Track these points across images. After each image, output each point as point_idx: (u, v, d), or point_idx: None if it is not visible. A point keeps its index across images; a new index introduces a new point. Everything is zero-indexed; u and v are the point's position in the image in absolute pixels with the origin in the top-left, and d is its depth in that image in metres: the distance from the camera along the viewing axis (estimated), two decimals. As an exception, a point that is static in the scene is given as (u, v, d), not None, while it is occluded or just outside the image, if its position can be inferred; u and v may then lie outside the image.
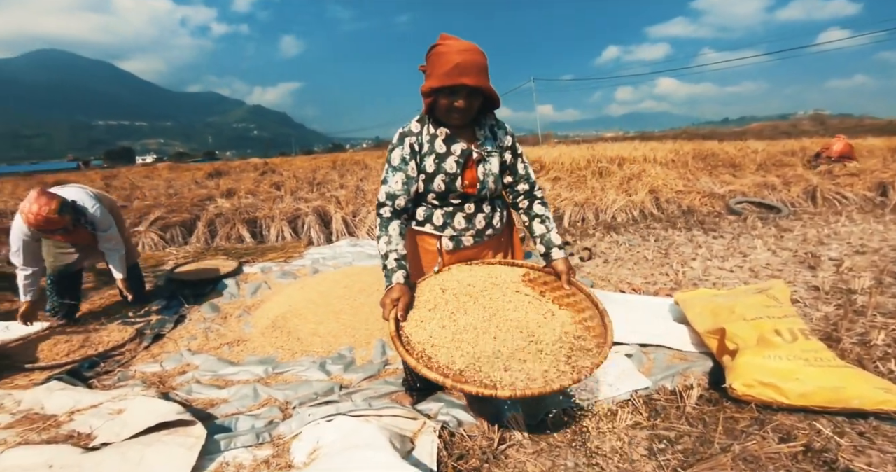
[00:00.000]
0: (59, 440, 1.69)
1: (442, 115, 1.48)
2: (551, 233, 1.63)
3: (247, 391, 2.02)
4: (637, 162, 8.42)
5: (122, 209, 6.61)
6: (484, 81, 1.42)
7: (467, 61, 1.37)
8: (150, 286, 3.82)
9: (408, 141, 1.53)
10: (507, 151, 1.62)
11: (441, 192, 1.53)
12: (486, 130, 1.59)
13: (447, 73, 1.37)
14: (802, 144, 12.24)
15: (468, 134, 1.57)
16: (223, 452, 1.55)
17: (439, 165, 1.51)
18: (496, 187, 1.60)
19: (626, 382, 1.89)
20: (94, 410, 1.89)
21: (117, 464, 1.44)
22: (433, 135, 1.53)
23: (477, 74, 1.40)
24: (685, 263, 4.07)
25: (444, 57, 1.38)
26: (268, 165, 13.40)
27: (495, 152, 1.58)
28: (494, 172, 1.57)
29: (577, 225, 5.87)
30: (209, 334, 2.79)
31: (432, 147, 1.52)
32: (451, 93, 1.41)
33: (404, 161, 1.52)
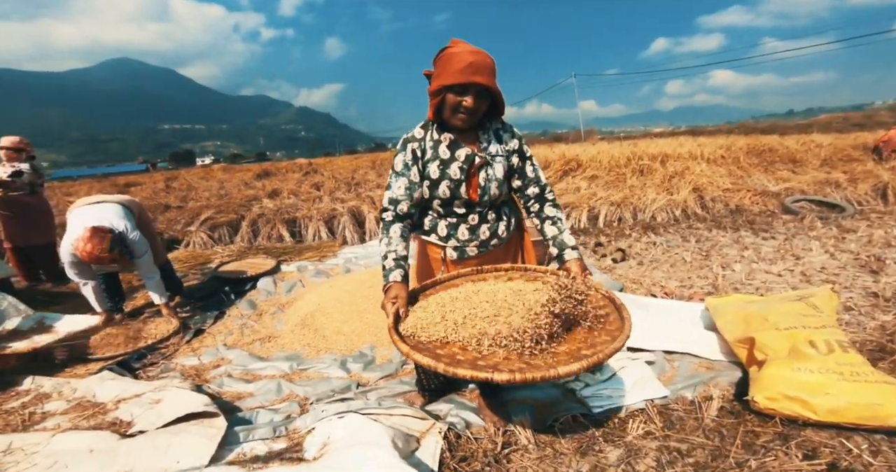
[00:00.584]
0: (104, 427, 1.86)
1: (448, 115, 1.49)
2: (563, 234, 1.60)
3: (271, 386, 2.14)
4: (681, 159, 8.04)
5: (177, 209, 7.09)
6: (494, 82, 1.44)
7: (480, 61, 1.39)
8: (196, 283, 4.09)
9: (410, 147, 1.56)
10: (515, 155, 1.60)
11: (446, 198, 1.55)
12: (490, 134, 1.59)
13: (461, 70, 1.39)
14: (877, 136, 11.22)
15: (472, 139, 1.57)
16: (241, 443, 1.65)
17: (443, 171, 1.53)
18: (500, 193, 1.59)
19: (642, 390, 1.84)
20: (137, 399, 2.06)
21: (147, 451, 1.57)
22: (437, 140, 1.55)
23: (489, 75, 1.41)
24: (727, 265, 3.87)
25: (456, 56, 1.40)
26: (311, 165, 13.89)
27: (500, 156, 1.57)
28: (498, 176, 1.56)
29: (613, 225, 5.70)
30: (244, 330, 2.96)
31: (436, 153, 1.54)
32: (461, 91, 1.43)
33: (406, 167, 1.55)
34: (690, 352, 2.17)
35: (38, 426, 1.94)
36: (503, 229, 1.65)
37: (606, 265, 4.08)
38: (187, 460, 1.52)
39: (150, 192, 10.05)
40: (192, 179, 12.11)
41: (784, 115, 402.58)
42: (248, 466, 1.52)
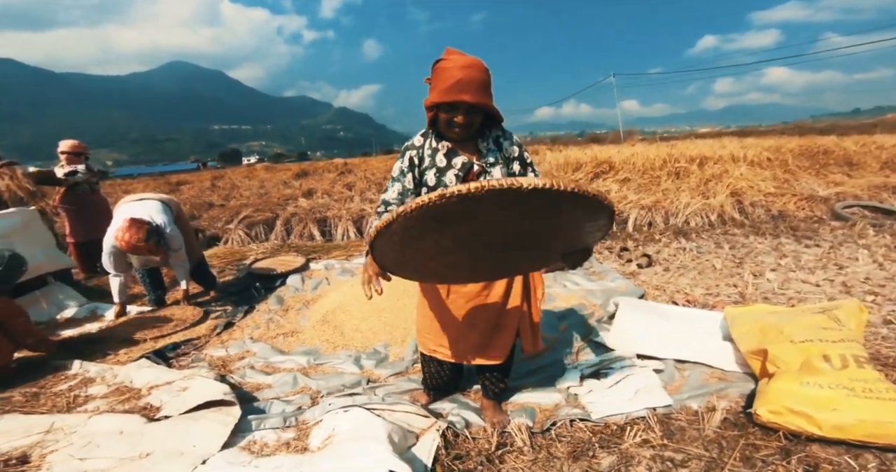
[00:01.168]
0: (135, 411, 2.03)
1: (443, 129, 1.55)
2: None
3: (288, 379, 2.26)
4: (721, 161, 7.73)
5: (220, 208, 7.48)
6: (483, 98, 1.46)
7: (468, 78, 1.42)
8: (231, 278, 4.33)
9: (408, 154, 1.62)
10: (515, 162, 1.63)
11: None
12: (489, 142, 1.62)
13: (448, 89, 1.42)
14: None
15: (471, 147, 1.61)
16: (253, 431, 1.77)
17: (439, 179, 1.58)
18: None
19: (645, 398, 1.83)
20: (168, 386, 2.24)
21: (169, 434, 1.72)
22: (435, 149, 1.60)
23: (476, 91, 1.44)
24: (760, 274, 3.72)
25: (446, 72, 1.44)
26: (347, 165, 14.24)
27: (499, 164, 1.60)
28: None
29: (643, 230, 5.57)
30: (270, 325, 3.12)
31: (433, 161, 1.59)
32: (451, 108, 1.47)
33: (402, 173, 1.62)
34: (703, 362, 2.13)
35: (80, 408, 2.14)
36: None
37: (630, 271, 4.00)
38: (203, 444, 1.65)
39: (197, 190, 10.62)
40: (235, 179, 12.70)
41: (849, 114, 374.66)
42: (257, 453, 1.64)
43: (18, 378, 2.54)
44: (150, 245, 3.08)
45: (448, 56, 1.49)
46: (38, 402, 2.25)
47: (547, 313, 2.94)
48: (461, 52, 1.50)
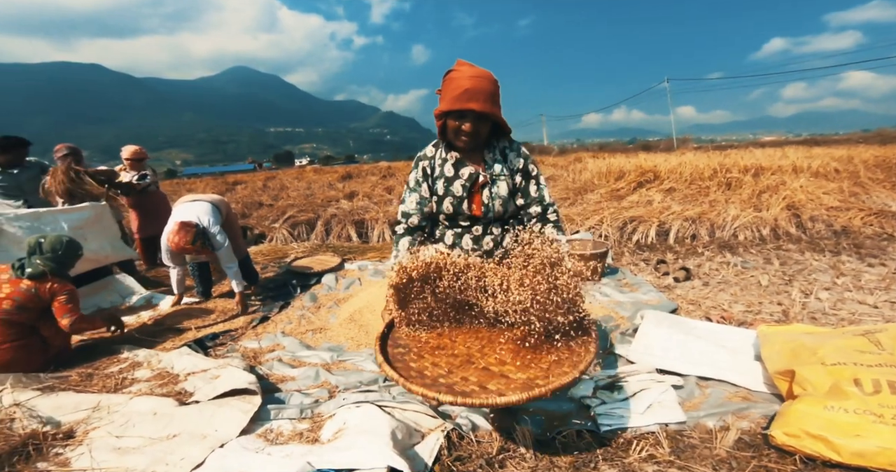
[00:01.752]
0: (171, 395, 2.20)
1: (451, 138, 1.59)
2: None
3: (310, 373, 2.37)
4: (780, 172, 7.27)
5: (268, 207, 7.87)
6: (491, 107, 1.50)
7: (476, 87, 1.46)
8: (271, 275, 4.56)
9: (421, 165, 1.68)
10: (519, 174, 1.65)
11: (450, 213, 1.65)
12: (496, 154, 1.64)
13: (457, 97, 1.47)
14: None
15: (477, 158, 1.65)
16: (271, 420, 1.88)
17: (447, 188, 1.62)
18: (505, 210, 1.64)
19: (657, 412, 1.78)
20: (203, 374, 2.41)
21: (195, 418, 1.86)
22: (444, 159, 1.65)
23: (485, 101, 1.47)
24: (812, 292, 3.48)
25: (455, 82, 1.49)
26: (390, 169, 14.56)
27: (504, 175, 1.63)
28: (502, 194, 1.62)
29: (685, 242, 5.33)
30: (301, 321, 3.27)
31: (442, 171, 1.64)
32: (459, 116, 1.52)
33: (418, 183, 1.68)
34: (728, 380, 2.04)
35: (126, 389, 2.35)
36: (509, 241, 1.70)
37: (666, 284, 3.86)
38: (224, 429, 1.78)
39: (250, 190, 11.23)
40: (286, 180, 13.30)
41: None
42: (272, 440, 1.74)
43: (78, 359, 2.82)
44: (196, 247, 3.32)
45: (458, 67, 1.54)
46: (90, 382, 2.49)
47: (570, 323, 2.90)
48: (472, 65, 1.55)
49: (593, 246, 4.23)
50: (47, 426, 1.93)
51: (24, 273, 2.66)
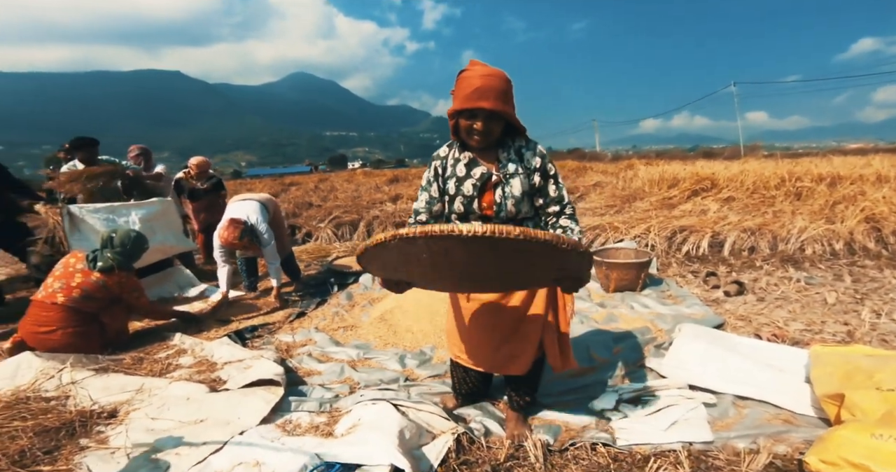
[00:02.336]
0: (206, 382, 2.32)
1: (464, 137, 1.58)
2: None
3: (336, 369, 2.43)
4: (860, 181, 6.62)
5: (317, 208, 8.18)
6: (502, 105, 1.47)
7: (486, 86, 1.45)
8: (313, 273, 4.73)
9: (434, 164, 1.68)
10: (536, 173, 1.60)
11: (461, 213, 1.63)
12: (510, 153, 1.61)
13: (468, 95, 1.47)
14: None
15: (491, 157, 1.62)
16: (292, 412, 1.94)
17: (458, 188, 1.61)
18: (517, 210, 1.60)
19: (682, 430, 1.66)
20: (238, 363, 2.52)
21: (222, 404, 1.96)
22: (457, 159, 1.64)
23: (495, 99, 1.46)
24: (886, 313, 3.14)
25: (466, 81, 1.48)
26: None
27: (519, 174, 1.59)
28: (515, 194, 1.58)
29: (741, 255, 4.97)
30: (335, 318, 3.36)
31: (454, 171, 1.63)
32: (470, 115, 1.51)
33: (429, 183, 1.68)
34: (769, 400, 1.89)
35: (169, 374, 2.51)
36: None
37: (714, 298, 3.62)
38: (246, 417, 1.85)
39: (303, 191, 11.72)
40: (337, 182, 13.78)
41: None
42: (290, 431, 1.79)
43: (132, 344, 3.05)
44: (244, 243, 3.53)
45: (471, 67, 1.54)
46: (140, 365, 2.68)
47: (602, 334, 2.79)
48: (484, 64, 1.54)
49: (636, 255, 4.05)
50: (95, 405, 2.10)
51: (95, 266, 2.91)
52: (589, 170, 15.00)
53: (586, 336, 2.78)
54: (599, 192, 9.08)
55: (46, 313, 2.78)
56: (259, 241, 3.66)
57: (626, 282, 3.70)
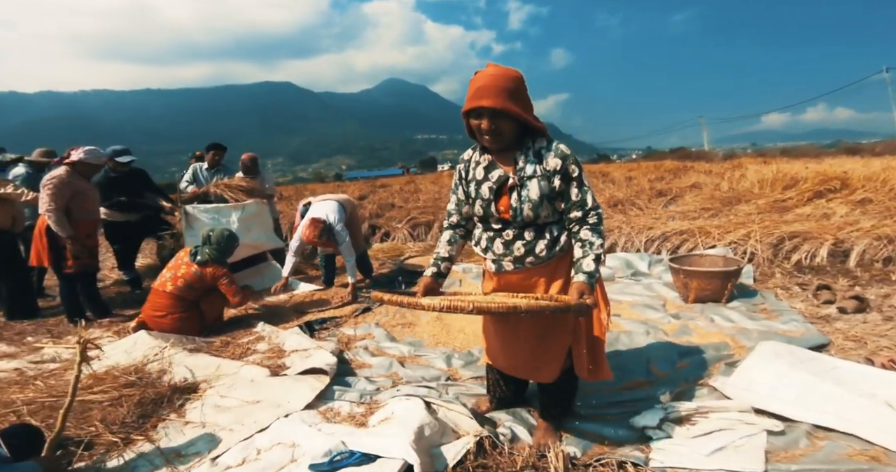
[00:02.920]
0: (272, 367, 2.54)
1: (478, 138, 1.56)
2: (586, 258, 1.49)
3: (385, 363, 2.52)
4: None
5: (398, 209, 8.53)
6: (506, 103, 1.43)
7: (489, 84, 1.43)
8: (386, 271, 4.95)
9: (458, 168, 1.69)
10: (556, 176, 1.52)
11: (481, 216, 1.61)
12: (529, 155, 1.55)
13: (471, 96, 1.47)
14: None
15: (509, 160, 1.57)
16: (334, 400, 2.07)
17: (477, 191, 1.59)
18: (536, 214, 1.53)
19: (728, 457, 1.47)
20: (302, 352, 2.73)
21: (277, 388, 2.15)
22: (477, 161, 1.63)
23: (496, 97, 1.42)
24: None
25: (472, 82, 1.48)
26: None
27: (536, 177, 1.52)
28: (532, 198, 1.51)
29: (871, 266, 4.20)
30: (396, 315, 3.48)
31: (474, 173, 1.62)
32: (476, 115, 1.49)
33: (456, 185, 1.69)
34: (857, 434, 1.60)
35: (246, 358, 2.80)
36: (542, 249, 1.58)
37: (823, 314, 3.12)
38: (294, 401, 2.02)
39: (389, 193, 12.28)
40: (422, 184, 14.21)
41: None
42: (329, 419, 1.91)
43: (224, 329, 3.45)
44: (323, 240, 3.84)
45: (482, 69, 1.52)
46: (225, 348, 3.02)
47: (669, 347, 2.55)
48: (497, 66, 1.51)
49: (723, 263, 3.62)
50: (184, 381, 2.41)
51: (195, 259, 3.36)
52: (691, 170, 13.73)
53: (649, 348, 2.57)
54: (696, 193, 8.27)
55: (160, 299, 3.27)
56: (335, 239, 3.94)
57: (709, 292, 3.33)
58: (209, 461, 1.68)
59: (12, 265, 3.99)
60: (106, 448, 1.84)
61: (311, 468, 1.51)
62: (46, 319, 4.05)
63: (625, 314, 3.18)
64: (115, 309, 4.13)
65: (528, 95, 1.51)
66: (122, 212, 4.53)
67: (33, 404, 2.24)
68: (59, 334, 3.67)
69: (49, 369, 2.84)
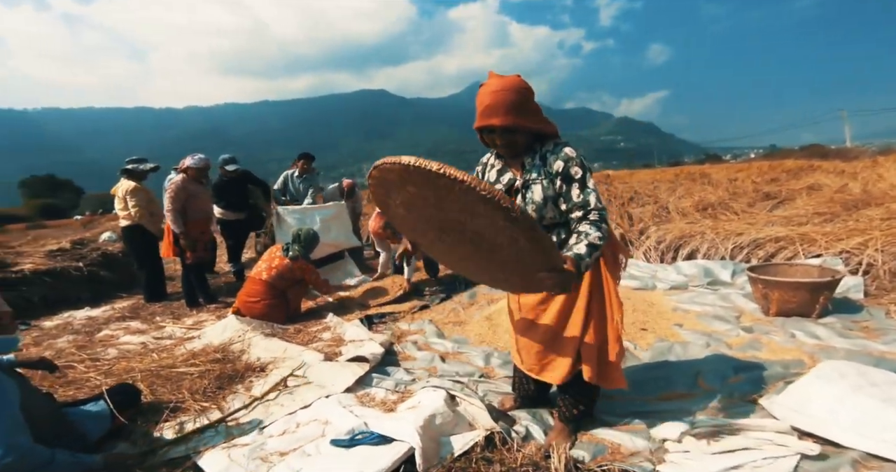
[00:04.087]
0: (328, 353, 2.82)
1: (492, 147, 1.61)
2: (578, 244, 1.42)
3: (428, 358, 2.67)
4: None
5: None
6: (514, 119, 1.46)
7: (495, 102, 1.46)
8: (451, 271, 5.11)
9: (477, 170, 1.76)
10: (558, 178, 1.53)
11: None
12: (535, 158, 1.58)
13: (480, 114, 1.52)
14: None
15: (519, 163, 1.62)
16: (372, 386, 2.26)
17: None
18: (540, 215, 1.56)
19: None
20: (358, 342, 2.99)
21: (326, 373, 2.40)
22: (492, 164, 1.69)
23: (505, 114, 1.46)
24: None
25: (479, 98, 1.53)
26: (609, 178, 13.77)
27: (540, 180, 1.54)
28: (536, 200, 1.54)
29: None
30: (451, 313, 3.62)
31: (488, 176, 1.68)
32: (488, 132, 1.55)
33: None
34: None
35: (311, 345, 3.11)
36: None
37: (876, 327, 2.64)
38: (337, 384, 2.25)
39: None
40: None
41: None
42: (364, 403, 2.10)
43: (301, 318, 3.87)
44: (387, 233, 4.15)
45: (486, 81, 1.56)
46: (296, 335, 3.39)
47: (726, 360, 2.36)
48: (500, 76, 1.54)
49: (819, 274, 3.19)
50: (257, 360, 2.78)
51: (286, 254, 3.84)
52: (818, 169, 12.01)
53: (703, 361, 2.40)
54: (813, 196, 7.24)
55: (255, 286, 3.77)
56: (397, 233, 4.22)
57: (794, 305, 2.97)
58: (258, 429, 1.96)
59: (151, 257, 4.83)
60: (186, 412, 2.22)
61: (332, 443, 1.69)
62: (172, 302, 4.83)
63: (688, 325, 2.97)
64: (222, 297, 4.79)
65: (535, 103, 1.54)
66: (233, 211, 5.25)
67: (145, 371, 2.75)
68: (179, 315, 4.37)
69: (164, 344, 3.43)
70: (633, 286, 3.97)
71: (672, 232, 5.22)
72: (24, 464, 1.48)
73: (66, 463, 1.60)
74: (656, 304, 3.43)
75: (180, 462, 1.78)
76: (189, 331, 3.72)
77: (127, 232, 4.75)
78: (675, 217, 6.19)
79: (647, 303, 3.40)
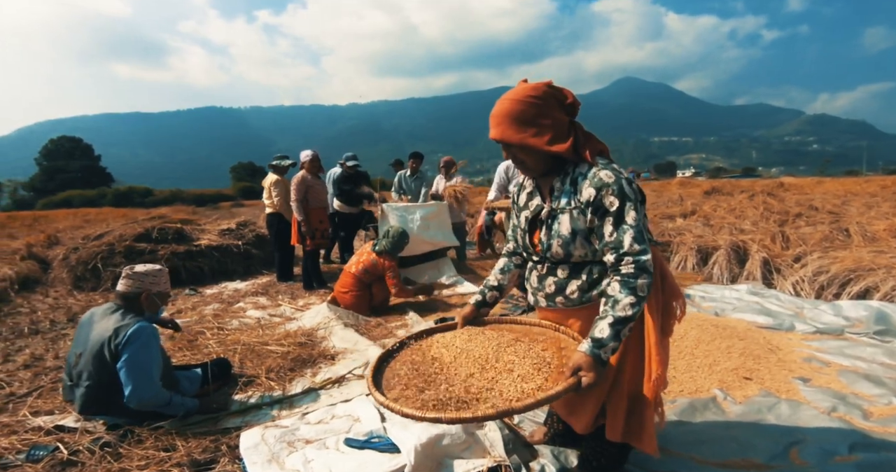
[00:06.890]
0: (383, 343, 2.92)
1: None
2: (601, 321, 1.20)
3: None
4: None
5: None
6: (506, 133, 1.29)
7: (496, 113, 1.31)
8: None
9: (512, 191, 1.59)
10: (589, 209, 1.27)
11: (520, 244, 1.49)
12: (566, 183, 1.33)
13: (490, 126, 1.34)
14: None
15: (549, 187, 1.39)
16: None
17: (518, 219, 1.49)
18: (567, 252, 1.32)
19: None
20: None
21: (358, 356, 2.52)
22: (524, 186, 1.51)
23: (497, 126, 1.30)
24: None
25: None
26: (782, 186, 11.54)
27: (569, 209, 1.31)
28: (563, 233, 1.31)
29: None
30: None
31: (518, 199, 1.52)
32: (503, 147, 1.37)
33: (511, 210, 1.59)
34: None
35: (383, 340, 3.25)
36: (574, 290, 1.36)
37: None
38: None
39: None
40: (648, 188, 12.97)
41: None
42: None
43: (384, 311, 4.07)
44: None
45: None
46: (376, 328, 3.58)
47: (844, 432, 1.86)
48: (524, 85, 1.33)
49: None
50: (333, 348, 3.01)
51: (375, 249, 4.10)
52: None
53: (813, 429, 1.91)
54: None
55: (346, 278, 4.10)
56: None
57: None
58: (301, 414, 2.12)
59: (285, 241, 5.57)
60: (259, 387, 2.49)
61: (346, 442, 1.75)
62: (295, 283, 5.50)
63: (817, 381, 2.35)
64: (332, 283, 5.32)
65: (555, 115, 1.30)
66: (349, 204, 5.79)
67: (245, 345, 3.15)
68: (296, 296, 4.96)
69: (273, 321, 3.91)
70: (760, 323, 3.28)
71: (842, 262, 4.12)
72: (157, 400, 1.96)
73: (176, 405, 2.06)
74: (782, 349, 2.78)
75: (230, 432, 2.03)
76: (296, 311, 4.19)
77: (269, 218, 5.50)
78: (855, 242, 4.87)
79: (769, 347, 2.77)
